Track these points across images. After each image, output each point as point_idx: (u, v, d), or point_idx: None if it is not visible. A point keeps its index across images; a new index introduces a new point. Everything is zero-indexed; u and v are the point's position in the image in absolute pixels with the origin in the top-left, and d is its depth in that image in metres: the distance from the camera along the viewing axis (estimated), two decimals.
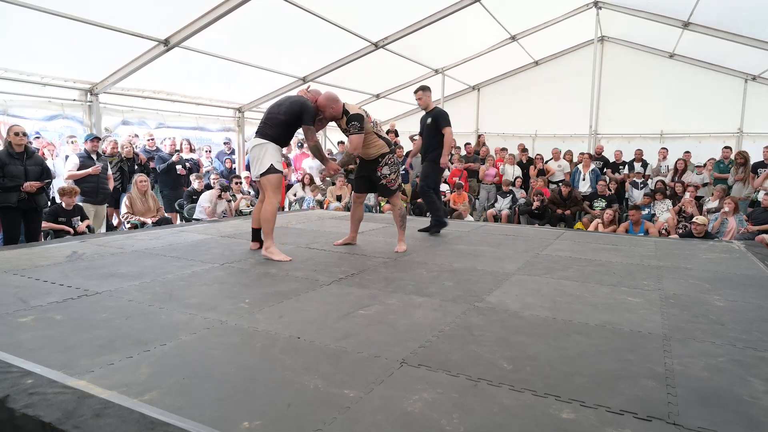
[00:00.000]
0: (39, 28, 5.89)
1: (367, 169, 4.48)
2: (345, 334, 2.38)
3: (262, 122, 4.03)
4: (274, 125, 3.97)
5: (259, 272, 3.60)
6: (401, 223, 4.54)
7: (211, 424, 1.58)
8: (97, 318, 2.56)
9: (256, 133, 4.04)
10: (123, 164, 7.77)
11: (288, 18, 7.23)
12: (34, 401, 1.65)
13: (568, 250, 4.73)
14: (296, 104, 4.00)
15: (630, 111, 11.74)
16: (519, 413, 1.69)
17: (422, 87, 5.52)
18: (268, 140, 3.95)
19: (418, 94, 5.50)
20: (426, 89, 5.53)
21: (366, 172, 4.52)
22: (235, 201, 8.16)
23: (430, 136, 5.57)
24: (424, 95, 5.48)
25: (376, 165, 4.39)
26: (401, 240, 4.55)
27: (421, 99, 5.49)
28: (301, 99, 4.07)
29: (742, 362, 2.15)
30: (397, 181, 4.49)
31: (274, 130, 3.97)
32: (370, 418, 1.64)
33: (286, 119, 3.96)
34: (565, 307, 2.89)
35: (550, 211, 9.15)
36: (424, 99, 5.49)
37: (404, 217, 4.56)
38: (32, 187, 5.26)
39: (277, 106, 4.04)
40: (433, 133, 5.54)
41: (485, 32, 10.11)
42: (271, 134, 3.96)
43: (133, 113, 8.30)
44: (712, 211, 8.12)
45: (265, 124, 4.00)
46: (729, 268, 4.08)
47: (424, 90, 5.49)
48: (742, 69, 10.59)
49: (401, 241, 4.55)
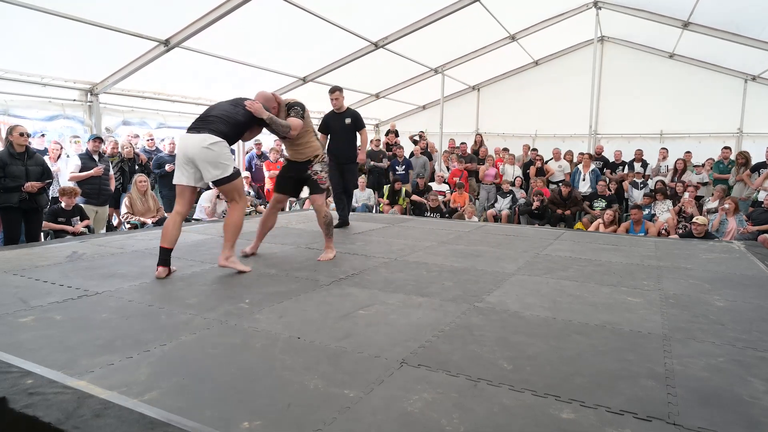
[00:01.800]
0: (39, 28, 5.88)
1: (296, 170, 4.11)
2: (345, 334, 2.38)
3: (215, 117, 3.53)
4: (233, 124, 3.55)
5: (259, 272, 3.60)
6: (326, 230, 4.09)
7: (211, 424, 1.58)
8: (97, 318, 2.56)
9: (205, 128, 3.45)
10: (123, 164, 7.77)
11: (288, 18, 7.23)
12: (34, 401, 1.65)
13: (568, 250, 4.72)
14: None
15: (630, 111, 11.73)
16: (519, 413, 1.69)
17: (338, 88, 5.60)
18: (222, 138, 3.44)
19: (335, 94, 5.55)
20: (341, 90, 5.60)
21: (293, 173, 4.14)
22: None
23: (348, 137, 5.67)
24: (340, 96, 5.55)
25: (307, 165, 4.05)
26: (328, 247, 4.12)
27: (338, 99, 5.55)
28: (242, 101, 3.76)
29: (742, 362, 2.15)
30: (326, 181, 4.18)
31: (232, 129, 3.55)
32: (370, 418, 1.64)
33: (245, 120, 3.63)
34: (565, 307, 2.89)
35: (550, 211, 9.15)
36: (340, 99, 5.56)
37: (330, 223, 4.10)
38: (33, 187, 5.26)
39: (234, 106, 3.66)
40: (351, 134, 5.62)
41: (485, 32, 10.11)
42: (226, 132, 3.48)
43: (134, 113, 8.30)
44: (712, 211, 8.12)
45: (219, 119, 3.52)
46: (729, 268, 4.08)
47: (340, 91, 5.57)
48: (741, 69, 10.58)
49: (328, 248, 4.12)
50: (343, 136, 5.69)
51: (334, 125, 5.69)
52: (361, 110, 12.58)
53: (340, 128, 5.65)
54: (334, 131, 5.71)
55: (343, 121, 5.64)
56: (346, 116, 5.66)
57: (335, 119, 5.68)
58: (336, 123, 5.67)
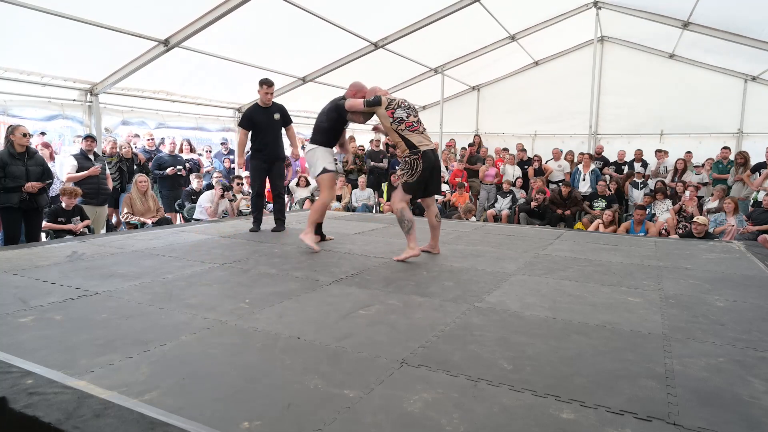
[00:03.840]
0: (39, 27, 5.87)
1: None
2: (345, 334, 2.38)
3: (312, 130, 4.65)
4: (320, 132, 4.53)
5: (259, 272, 3.60)
6: (401, 228, 4.11)
7: (211, 424, 1.58)
8: (97, 318, 2.56)
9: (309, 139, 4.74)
10: (122, 164, 7.77)
11: (288, 18, 7.22)
12: (34, 401, 1.65)
13: (568, 250, 4.73)
14: (332, 110, 4.50)
15: (630, 111, 11.73)
16: (519, 413, 1.69)
17: (271, 81, 5.42)
18: (317, 145, 4.51)
19: (272, 88, 5.38)
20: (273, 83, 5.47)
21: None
22: (236, 201, 8.16)
23: (277, 134, 5.43)
24: (273, 90, 5.41)
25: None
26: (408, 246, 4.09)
27: (271, 93, 5.39)
28: (333, 102, 4.54)
29: (742, 362, 2.15)
30: (400, 178, 4.17)
31: (321, 136, 4.52)
32: (370, 418, 1.64)
33: (328, 125, 4.50)
34: (565, 307, 2.89)
35: (550, 211, 9.15)
36: (272, 93, 5.41)
37: (401, 220, 4.09)
38: (34, 187, 5.25)
39: (320, 115, 4.57)
40: (279, 130, 5.41)
41: (485, 32, 10.10)
42: (318, 140, 4.52)
43: (133, 113, 8.29)
44: (712, 211, 8.12)
45: (314, 131, 4.60)
46: (729, 268, 4.08)
47: (273, 85, 5.44)
48: (741, 69, 10.58)
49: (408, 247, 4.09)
50: (270, 133, 5.36)
51: (260, 120, 5.33)
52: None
53: (270, 124, 5.34)
54: (261, 127, 5.35)
55: (272, 116, 5.34)
56: (274, 111, 5.36)
57: (263, 113, 5.35)
58: (264, 117, 5.34)
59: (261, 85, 5.35)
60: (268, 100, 5.39)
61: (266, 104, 5.39)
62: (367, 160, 10.45)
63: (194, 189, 8.10)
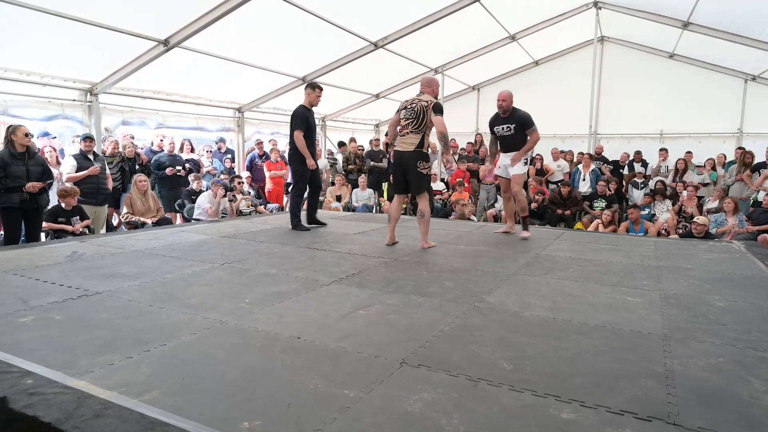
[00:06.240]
0: (39, 28, 5.87)
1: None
2: (345, 334, 2.38)
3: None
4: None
5: (259, 272, 3.60)
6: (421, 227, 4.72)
7: (211, 424, 1.58)
8: (97, 318, 2.56)
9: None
10: (124, 164, 7.76)
11: (288, 18, 7.22)
12: (34, 401, 1.65)
13: (568, 250, 4.72)
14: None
15: (630, 111, 11.72)
16: (519, 413, 1.69)
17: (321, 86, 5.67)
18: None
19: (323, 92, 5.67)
20: None
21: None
22: (236, 201, 8.16)
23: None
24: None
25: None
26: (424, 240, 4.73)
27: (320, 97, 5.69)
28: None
29: (742, 362, 2.15)
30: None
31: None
32: (370, 418, 1.64)
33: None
34: (565, 307, 2.89)
35: (550, 211, 9.15)
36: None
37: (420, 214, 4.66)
38: (34, 187, 5.25)
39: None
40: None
41: (485, 32, 10.10)
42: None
43: (133, 113, 8.29)
44: (712, 211, 8.12)
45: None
46: (729, 268, 4.08)
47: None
48: (741, 69, 10.58)
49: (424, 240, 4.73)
50: (314, 134, 5.70)
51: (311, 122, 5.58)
52: (361, 110, 12.69)
53: (314, 126, 5.66)
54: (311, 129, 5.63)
55: (314, 118, 5.63)
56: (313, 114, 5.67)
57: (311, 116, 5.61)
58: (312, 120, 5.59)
59: (314, 89, 5.52)
60: (318, 103, 5.60)
61: (314, 106, 5.60)
62: (367, 160, 10.45)
63: (194, 189, 8.10)
